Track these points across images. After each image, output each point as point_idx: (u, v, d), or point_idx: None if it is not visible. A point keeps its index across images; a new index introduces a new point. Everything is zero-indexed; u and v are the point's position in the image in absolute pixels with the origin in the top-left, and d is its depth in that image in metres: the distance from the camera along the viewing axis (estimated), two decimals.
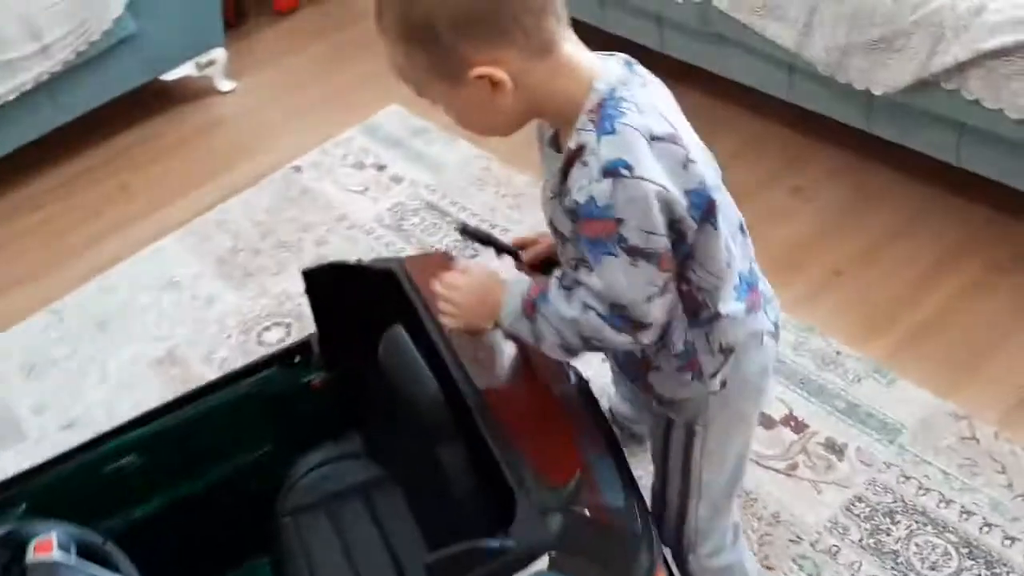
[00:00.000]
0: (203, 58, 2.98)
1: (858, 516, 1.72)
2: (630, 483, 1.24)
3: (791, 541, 1.69)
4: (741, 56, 2.37)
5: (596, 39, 1.27)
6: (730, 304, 1.13)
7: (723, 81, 2.55)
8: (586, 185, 1.00)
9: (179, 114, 3.03)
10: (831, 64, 2.12)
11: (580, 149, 1.02)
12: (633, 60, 1.11)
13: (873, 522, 1.71)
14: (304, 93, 3.03)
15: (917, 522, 1.70)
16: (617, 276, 1.02)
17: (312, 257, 2.41)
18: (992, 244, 2.19)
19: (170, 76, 2.95)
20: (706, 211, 1.06)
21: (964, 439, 1.81)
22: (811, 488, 1.77)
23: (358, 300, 1.43)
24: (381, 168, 2.68)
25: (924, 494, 1.74)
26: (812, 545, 1.68)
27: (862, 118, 2.23)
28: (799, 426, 1.87)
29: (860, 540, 1.68)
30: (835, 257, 2.23)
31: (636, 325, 1.06)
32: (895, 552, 1.66)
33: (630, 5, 2.52)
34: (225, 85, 3.09)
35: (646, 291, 1.04)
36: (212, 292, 2.37)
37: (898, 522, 1.70)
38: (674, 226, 1.04)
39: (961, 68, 1.91)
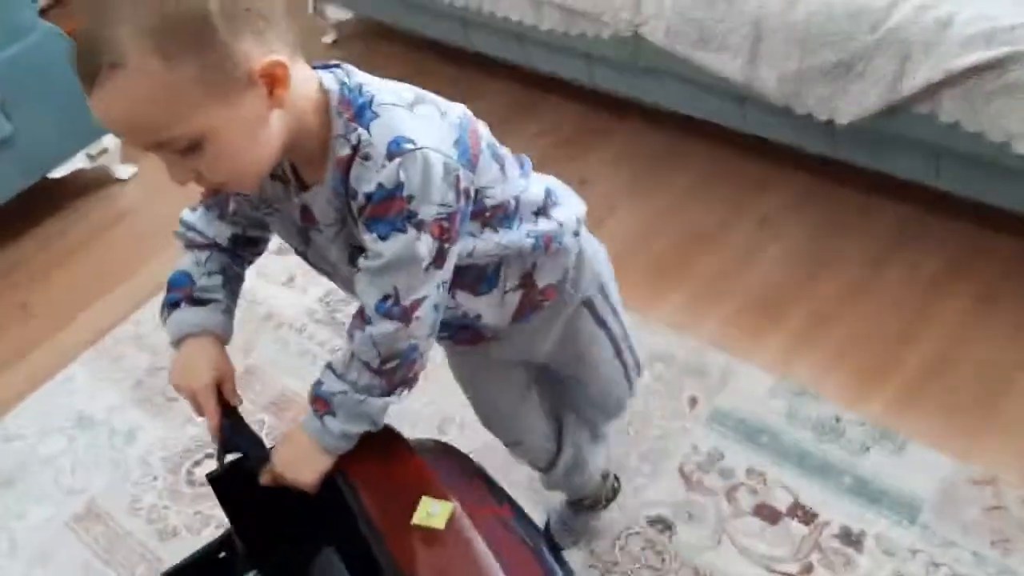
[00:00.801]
0: (93, 148, 2.69)
1: None
2: None
3: None
4: (683, 88, 2.14)
5: (517, 78, 1.12)
6: (518, 183, 1.17)
7: (663, 110, 2.33)
8: (374, 176, 0.97)
9: (76, 212, 2.75)
10: (785, 95, 1.90)
11: (355, 148, 0.98)
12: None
13: None
14: None
15: None
16: (405, 249, 1.00)
17: (240, 369, 2.14)
18: (980, 265, 2.00)
19: (60, 172, 2.66)
20: (472, 145, 1.06)
21: (991, 509, 1.61)
22: None
23: (278, 499, 1.17)
24: None
25: None
26: None
27: (826, 145, 2.01)
28: (807, 516, 1.66)
29: None
30: (814, 300, 2.02)
31: (406, 309, 1.03)
32: None
33: (554, 44, 2.28)
34: (123, 172, 2.80)
35: (427, 261, 1.02)
36: (131, 424, 2.10)
37: None
38: (459, 189, 1.02)
39: (933, 90, 1.70)
